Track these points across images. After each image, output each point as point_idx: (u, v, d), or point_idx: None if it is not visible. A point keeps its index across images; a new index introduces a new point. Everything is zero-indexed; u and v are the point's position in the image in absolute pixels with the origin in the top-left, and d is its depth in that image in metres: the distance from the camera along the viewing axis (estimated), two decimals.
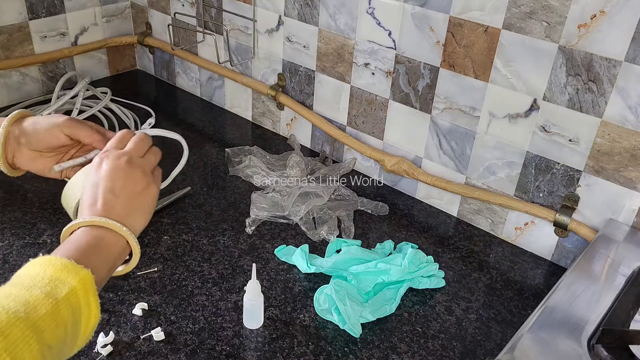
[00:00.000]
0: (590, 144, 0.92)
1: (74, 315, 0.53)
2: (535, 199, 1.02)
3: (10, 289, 0.52)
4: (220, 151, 1.30)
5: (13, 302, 0.50)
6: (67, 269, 0.54)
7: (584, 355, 0.67)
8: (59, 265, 0.54)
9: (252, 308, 0.84)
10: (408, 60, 1.09)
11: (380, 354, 0.83)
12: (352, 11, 1.13)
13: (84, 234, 0.60)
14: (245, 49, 1.37)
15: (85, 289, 0.55)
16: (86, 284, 0.55)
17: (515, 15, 0.92)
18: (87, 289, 0.55)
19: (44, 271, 0.54)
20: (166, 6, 1.52)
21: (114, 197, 0.63)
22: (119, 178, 0.65)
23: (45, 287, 0.52)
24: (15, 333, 0.47)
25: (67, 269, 0.54)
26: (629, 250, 0.87)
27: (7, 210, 1.06)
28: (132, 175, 0.66)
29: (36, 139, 0.72)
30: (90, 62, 1.59)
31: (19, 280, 0.53)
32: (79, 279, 0.54)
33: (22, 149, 0.73)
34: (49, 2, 1.43)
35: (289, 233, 1.06)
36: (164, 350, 0.80)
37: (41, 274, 0.53)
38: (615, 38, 0.84)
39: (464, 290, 0.96)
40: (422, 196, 1.18)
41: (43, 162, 0.75)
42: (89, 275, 0.55)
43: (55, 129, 0.72)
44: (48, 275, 0.53)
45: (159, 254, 0.98)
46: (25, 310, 0.49)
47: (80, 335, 0.55)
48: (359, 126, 1.23)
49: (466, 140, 1.07)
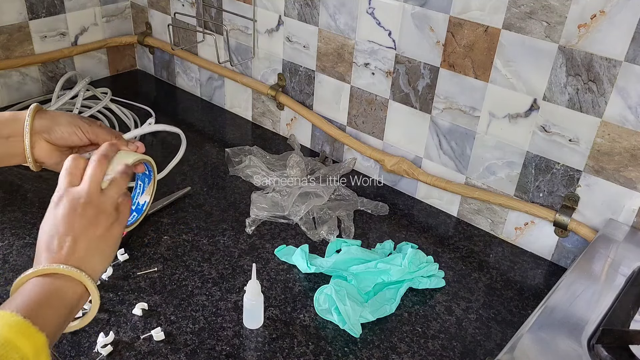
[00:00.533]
0: (590, 144, 0.92)
1: None
2: (535, 199, 1.02)
3: None
4: (220, 151, 1.30)
5: None
6: (21, 332, 0.52)
7: (584, 355, 0.67)
8: (14, 326, 0.52)
9: (252, 308, 0.84)
10: (408, 60, 1.09)
11: (380, 354, 0.83)
12: (352, 11, 1.13)
13: (40, 283, 0.57)
14: (245, 49, 1.37)
15: (37, 354, 0.52)
16: (39, 348, 0.53)
17: (515, 15, 0.92)
18: (39, 353, 0.53)
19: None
20: (166, 6, 1.52)
21: (72, 243, 0.60)
22: (77, 222, 0.61)
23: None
24: None
25: (22, 332, 0.52)
26: (629, 250, 0.87)
27: (7, 210, 1.06)
28: (91, 218, 0.62)
29: (58, 136, 0.73)
30: (90, 62, 1.59)
31: None
32: (32, 345, 0.52)
33: (41, 143, 0.73)
34: (49, 2, 1.43)
35: (289, 233, 1.06)
36: (164, 350, 0.80)
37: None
38: (615, 38, 0.84)
39: (464, 290, 0.96)
40: (422, 196, 1.18)
41: (58, 155, 0.75)
42: (43, 340, 0.53)
43: (76, 128, 0.73)
44: (2, 336, 0.51)
45: (159, 254, 0.98)
46: None
47: None
48: (359, 126, 1.23)
49: (466, 140, 1.07)
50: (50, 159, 0.74)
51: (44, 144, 0.73)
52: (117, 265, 0.95)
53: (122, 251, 0.97)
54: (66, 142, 0.74)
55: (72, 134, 0.73)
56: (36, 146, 0.73)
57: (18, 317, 0.53)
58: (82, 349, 0.80)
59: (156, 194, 1.12)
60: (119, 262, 0.95)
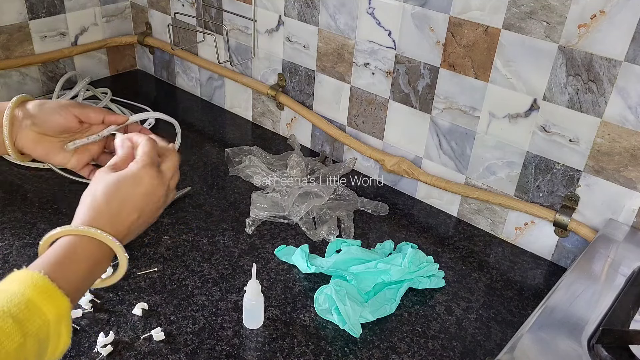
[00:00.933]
0: (590, 144, 0.92)
1: (39, 347, 0.51)
2: (535, 199, 1.02)
3: None
4: (220, 151, 1.30)
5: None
6: (46, 295, 0.52)
7: (584, 355, 0.67)
8: (39, 288, 0.52)
9: (252, 308, 0.84)
10: (408, 60, 1.09)
11: (380, 354, 0.83)
12: (352, 11, 1.13)
13: (70, 244, 0.58)
14: (245, 49, 1.37)
15: (58, 320, 0.52)
16: (61, 314, 0.53)
17: (515, 15, 0.92)
18: (60, 319, 0.53)
19: (22, 291, 0.51)
20: (166, 6, 1.52)
21: (137, 219, 0.63)
22: (150, 208, 0.65)
23: (18, 314, 0.50)
24: None
25: (47, 295, 0.52)
26: (629, 250, 0.87)
27: (7, 210, 1.06)
28: (161, 206, 0.67)
29: (43, 119, 0.71)
30: (90, 62, 1.59)
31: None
32: (55, 310, 0.52)
33: (26, 131, 0.71)
34: (49, 2, 1.43)
35: (289, 233, 1.06)
36: (164, 350, 0.80)
37: (18, 294, 0.51)
38: (615, 38, 0.84)
39: (464, 290, 0.96)
40: (422, 196, 1.18)
41: (47, 146, 0.72)
42: (67, 305, 0.53)
43: (63, 109, 0.71)
44: (26, 297, 0.51)
45: (159, 254, 0.98)
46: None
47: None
48: (359, 126, 1.23)
49: (466, 140, 1.07)
50: (37, 149, 0.72)
51: (30, 134, 0.71)
52: (117, 265, 0.95)
53: None
54: (54, 126, 0.71)
55: (59, 116, 0.71)
56: (22, 136, 0.71)
57: (45, 278, 0.53)
58: (82, 349, 0.80)
59: None
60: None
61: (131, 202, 0.63)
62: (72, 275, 0.56)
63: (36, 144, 0.72)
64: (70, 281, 0.56)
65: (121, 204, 0.62)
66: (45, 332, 0.51)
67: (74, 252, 0.58)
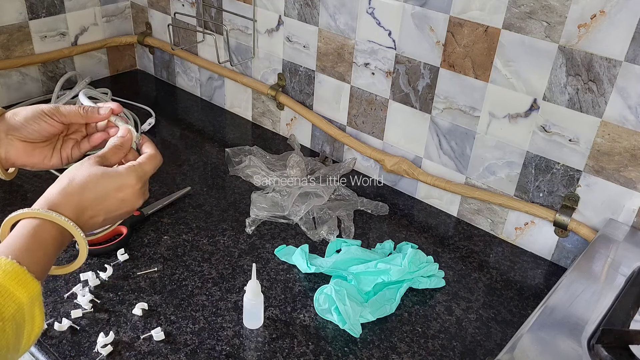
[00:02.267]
0: (590, 144, 0.92)
1: (17, 331, 0.51)
2: (535, 199, 1.02)
3: None
4: (220, 151, 1.30)
5: None
6: (17, 279, 0.52)
7: (584, 355, 0.67)
8: (9, 273, 0.52)
9: (252, 308, 0.84)
10: (408, 60, 1.09)
11: (380, 354, 0.83)
12: (352, 11, 1.13)
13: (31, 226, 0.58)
14: (245, 49, 1.37)
15: (31, 302, 0.53)
16: (33, 297, 0.53)
17: (515, 15, 0.92)
18: (33, 302, 0.53)
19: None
20: (166, 6, 1.52)
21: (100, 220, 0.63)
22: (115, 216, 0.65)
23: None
24: None
25: (18, 279, 0.52)
26: (629, 250, 0.87)
27: (7, 210, 1.06)
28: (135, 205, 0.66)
29: (28, 130, 0.69)
30: (90, 62, 1.59)
31: None
32: (27, 293, 0.52)
33: (15, 144, 0.69)
34: (49, 2, 1.43)
35: (289, 233, 1.06)
36: (164, 350, 0.80)
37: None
38: (615, 38, 0.84)
39: (464, 290, 0.96)
40: (422, 196, 1.18)
41: (39, 153, 0.72)
42: (38, 287, 0.53)
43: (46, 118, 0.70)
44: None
45: (159, 254, 0.98)
46: None
47: (21, 347, 0.54)
48: (359, 126, 1.23)
49: (466, 140, 1.07)
50: (30, 158, 0.71)
51: (19, 144, 0.69)
52: (117, 265, 0.95)
53: (122, 251, 0.97)
54: (40, 133, 0.70)
55: (43, 124, 0.69)
56: (10, 149, 0.69)
57: (14, 263, 0.53)
58: (82, 349, 0.80)
59: (156, 194, 1.12)
60: (119, 262, 0.95)
61: (105, 203, 0.63)
62: (38, 259, 0.56)
63: (28, 155, 0.71)
64: (38, 264, 0.56)
65: (94, 200, 0.62)
66: (21, 316, 0.52)
67: (39, 236, 0.58)
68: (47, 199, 0.60)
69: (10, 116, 0.69)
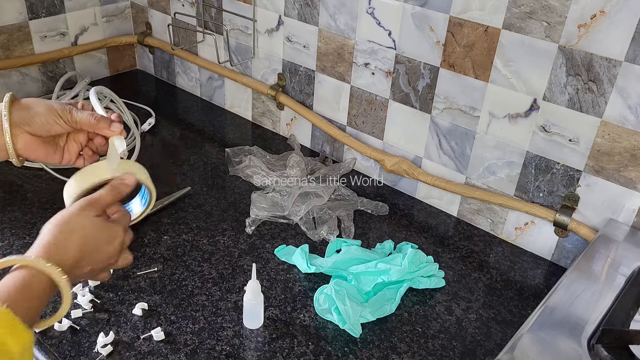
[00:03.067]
0: (590, 143, 0.92)
1: None
2: (535, 199, 1.02)
3: None
4: (220, 151, 1.30)
5: None
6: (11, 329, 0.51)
7: (584, 355, 0.67)
8: (3, 322, 0.51)
9: (252, 308, 0.84)
10: (408, 60, 1.09)
11: (380, 354, 0.83)
12: (352, 11, 1.13)
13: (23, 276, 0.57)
14: (245, 49, 1.37)
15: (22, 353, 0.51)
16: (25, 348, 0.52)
17: (515, 15, 0.92)
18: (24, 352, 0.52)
19: None
20: (166, 6, 1.52)
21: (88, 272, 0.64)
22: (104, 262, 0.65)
23: None
24: None
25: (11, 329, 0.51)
26: (629, 250, 0.87)
27: (7, 210, 1.06)
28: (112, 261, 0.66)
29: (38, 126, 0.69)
30: (90, 62, 1.59)
31: None
32: (19, 344, 0.51)
33: (24, 136, 0.69)
34: (49, 2, 1.43)
35: (289, 233, 1.06)
36: (164, 350, 0.80)
37: None
38: (615, 38, 0.84)
39: (464, 290, 0.96)
40: (422, 196, 1.18)
41: (44, 149, 0.72)
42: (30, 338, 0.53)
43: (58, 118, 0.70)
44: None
45: (159, 254, 0.98)
46: None
47: None
48: (359, 126, 1.23)
49: (466, 140, 1.07)
50: (35, 152, 0.71)
51: (27, 137, 0.70)
52: None
53: None
54: (48, 131, 0.70)
55: (54, 123, 0.70)
56: (18, 140, 0.69)
57: (9, 312, 0.52)
58: (82, 349, 0.80)
59: (156, 194, 1.12)
60: None
61: (97, 255, 0.64)
62: (31, 308, 0.56)
63: (34, 148, 0.71)
64: (29, 314, 0.55)
65: (91, 253, 0.63)
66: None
67: (33, 286, 0.57)
68: (46, 249, 0.60)
69: (23, 107, 0.70)
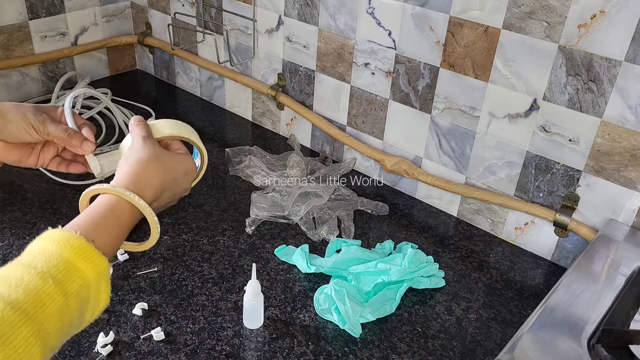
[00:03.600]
0: (590, 143, 0.92)
1: (81, 307, 0.52)
2: (535, 199, 1.02)
3: (18, 270, 0.50)
4: (220, 151, 1.30)
5: (22, 293, 0.47)
6: (84, 255, 0.52)
7: (584, 355, 0.67)
8: (77, 249, 0.52)
9: (252, 308, 0.84)
10: (408, 60, 1.09)
11: (380, 354, 0.83)
12: (352, 11, 1.13)
13: (105, 202, 0.60)
14: (245, 48, 1.37)
15: (98, 279, 0.53)
16: (100, 274, 0.53)
17: (515, 15, 0.92)
18: (100, 278, 0.53)
19: (59, 253, 0.51)
20: (166, 6, 1.52)
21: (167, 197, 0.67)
22: (183, 188, 0.69)
23: (58, 275, 0.50)
24: (18, 341, 0.45)
25: (85, 255, 0.52)
26: (629, 250, 0.87)
27: (7, 210, 1.06)
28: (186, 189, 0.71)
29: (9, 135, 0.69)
30: (90, 62, 1.59)
31: (30, 260, 0.51)
32: (94, 269, 0.52)
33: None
34: (49, 2, 1.43)
35: (289, 233, 1.06)
36: (164, 350, 0.80)
37: (56, 255, 0.51)
38: (615, 38, 0.84)
39: (464, 290, 0.96)
40: (422, 196, 1.18)
41: (17, 153, 0.72)
42: (105, 264, 0.54)
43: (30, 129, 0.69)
44: (64, 258, 0.51)
45: (159, 254, 0.98)
46: (33, 306, 0.47)
47: (84, 322, 0.54)
48: (359, 126, 1.23)
49: (466, 140, 1.07)
50: (7, 156, 0.71)
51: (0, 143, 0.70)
52: (117, 265, 0.95)
53: (121, 251, 0.97)
54: (19, 140, 0.70)
55: (25, 133, 0.69)
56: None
57: (82, 239, 0.53)
58: (82, 349, 0.80)
59: None
60: (119, 262, 0.95)
61: (176, 185, 0.67)
62: (109, 236, 0.58)
63: (7, 152, 0.71)
64: (108, 241, 0.57)
65: (172, 181, 0.66)
66: (86, 292, 0.52)
67: (115, 214, 0.59)
68: (132, 177, 0.62)
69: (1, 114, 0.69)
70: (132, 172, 0.63)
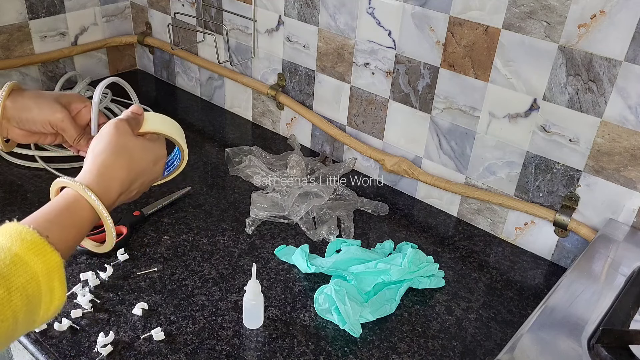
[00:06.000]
0: (590, 143, 0.92)
1: (29, 303, 0.50)
2: (535, 199, 1.02)
3: None
4: (220, 151, 1.30)
5: None
6: (35, 250, 0.51)
7: (584, 355, 0.67)
8: (28, 242, 0.51)
9: (252, 308, 0.84)
10: (408, 60, 1.09)
11: (380, 354, 0.83)
12: (352, 11, 1.13)
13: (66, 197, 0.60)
14: (245, 48, 1.37)
15: (49, 274, 0.51)
16: (51, 269, 0.52)
17: (515, 15, 0.92)
18: (51, 273, 0.52)
19: (9, 246, 0.50)
20: (166, 6, 1.52)
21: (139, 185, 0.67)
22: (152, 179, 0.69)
23: (3, 269, 0.49)
24: None
25: (35, 250, 0.51)
26: (629, 250, 0.87)
27: (7, 210, 1.06)
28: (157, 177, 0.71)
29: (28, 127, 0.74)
30: (90, 62, 1.59)
31: None
32: (44, 264, 0.51)
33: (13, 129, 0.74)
34: (49, 2, 1.43)
35: (289, 233, 1.06)
36: (164, 350, 0.80)
37: (5, 248, 0.50)
38: (615, 38, 0.84)
39: (464, 290, 0.96)
40: (422, 196, 1.18)
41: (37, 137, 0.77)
42: (57, 260, 0.52)
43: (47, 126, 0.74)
44: (12, 252, 0.50)
45: (159, 254, 0.98)
46: None
47: (37, 319, 0.53)
48: (359, 126, 1.23)
49: (466, 140, 1.07)
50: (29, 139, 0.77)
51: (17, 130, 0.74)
52: (117, 265, 0.95)
53: (122, 251, 0.97)
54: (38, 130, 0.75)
55: (41, 128, 0.74)
56: (10, 133, 0.74)
57: (34, 233, 0.52)
58: (82, 348, 0.80)
59: (156, 194, 1.12)
60: (119, 262, 0.95)
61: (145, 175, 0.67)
62: (65, 231, 0.56)
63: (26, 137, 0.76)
64: (63, 236, 0.55)
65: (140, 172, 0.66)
66: (35, 288, 0.51)
67: (74, 210, 0.59)
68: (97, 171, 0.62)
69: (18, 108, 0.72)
70: (98, 166, 0.63)
